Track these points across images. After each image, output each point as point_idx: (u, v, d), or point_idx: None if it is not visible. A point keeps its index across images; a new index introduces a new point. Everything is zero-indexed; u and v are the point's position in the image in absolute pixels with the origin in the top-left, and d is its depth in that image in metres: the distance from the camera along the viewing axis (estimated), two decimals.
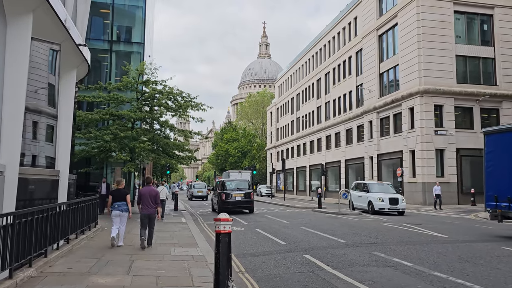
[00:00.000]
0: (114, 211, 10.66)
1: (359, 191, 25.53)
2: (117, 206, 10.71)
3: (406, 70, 33.51)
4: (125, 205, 10.84)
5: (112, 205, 10.76)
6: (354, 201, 25.12)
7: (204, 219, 19.73)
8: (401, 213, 22.34)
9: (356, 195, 25.46)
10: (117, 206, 10.71)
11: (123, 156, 19.00)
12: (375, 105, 38.00)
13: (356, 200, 25.16)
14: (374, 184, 25.82)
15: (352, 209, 24.52)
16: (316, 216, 20.52)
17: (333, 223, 16.86)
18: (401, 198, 22.93)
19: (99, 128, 20.59)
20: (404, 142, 33.33)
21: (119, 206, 10.73)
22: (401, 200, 22.71)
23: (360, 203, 24.62)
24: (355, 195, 25.48)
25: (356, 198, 25.22)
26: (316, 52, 55.65)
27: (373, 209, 22.75)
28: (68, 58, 12.64)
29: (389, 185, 26.13)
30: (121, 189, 11.07)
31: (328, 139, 50.49)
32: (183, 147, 21.85)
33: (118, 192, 10.97)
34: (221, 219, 5.86)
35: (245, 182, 25.86)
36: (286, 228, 15.11)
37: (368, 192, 24.03)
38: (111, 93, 20.28)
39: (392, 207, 22.24)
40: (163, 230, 14.47)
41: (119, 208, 10.72)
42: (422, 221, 18.02)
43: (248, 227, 15.75)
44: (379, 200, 22.52)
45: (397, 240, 12.12)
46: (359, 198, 24.97)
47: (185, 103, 20.83)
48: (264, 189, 54.65)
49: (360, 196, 24.83)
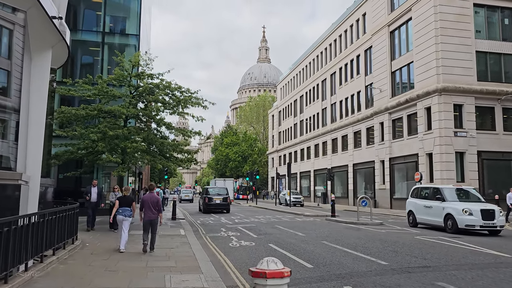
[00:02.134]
0: (119, 216, 11.31)
1: (426, 199, 18.33)
2: (121, 211, 11.30)
3: (422, 68, 31.12)
4: (129, 211, 11.43)
5: (117, 211, 11.36)
6: (418, 213, 18.49)
7: (205, 230, 17.19)
8: (496, 232, 16.04)
9: (420, 205, 18.46)
10: (121, 211, 11.30)
11: (113, 158, 16.47)
12: (386, 105, 35.58)
13: (421, 212, 18.27)
14: (451, 189, 17.99)
15: (412, 224, 18.68)
16: (334, 227, 17.99)
17: (359, 236, 14.37)
18: (497, 210, 16.09)
19: (86, 126, 18.08)
20: (420, 145, 30.89)
21: (123, 211, 11.31)
22: (498, 213, 15.94)
23: (428, 217, 17.72)
24: (418, 206, 18.60)
25: (421, 209, 18.33)
26: (321, 52, 53.32)
27: (455, 226, 15.94)
28: (39, 34, 10.20)
29: (474, 190, 18.94)
30: (128, 196, 11.78)
31: (334, 142, 48.04)
32: (182, 148, 19.38)
33: (124, 198, 11.59)
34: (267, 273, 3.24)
35: (224, 189, 32.10)
36: (306, 244, 12.62)
37: (444, 200, 16.83)
38: (98, 85, 17.76)
39: (486, 224, 15.60)
40: (158, 247, 11.96)
41: (123, 213, 11.28)
42: None
43: (259, 242, 13.26)
44: (465, 213, 15.73)
45: (453, 261, 9.64)
46: (426, 209, 17.96)
47: (185, 98, 18.33)
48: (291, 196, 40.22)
49: (429, 206, 17.75)
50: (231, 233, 15.64)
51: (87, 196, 15.77)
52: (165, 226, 18.04)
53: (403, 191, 34.05)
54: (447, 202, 16.74)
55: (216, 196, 30.06)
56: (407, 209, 19.53)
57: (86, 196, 15.79)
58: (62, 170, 22.77)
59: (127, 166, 17.38)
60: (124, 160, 17.49)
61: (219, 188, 33.13)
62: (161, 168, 20.86)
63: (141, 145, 17.03)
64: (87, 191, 15.91)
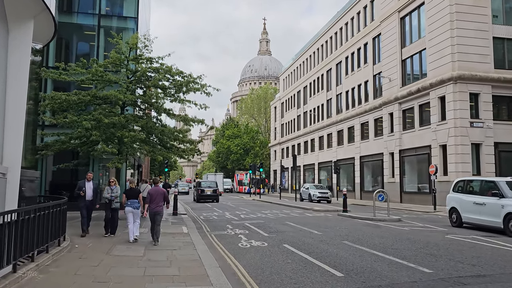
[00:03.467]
0: (127, 208, 11.61)
1: (476, 194, 15.39)
2: (130, 204, 11.65)
3: (436, 55, 29.52)
4: (137, 203, 11.83)
5: (126, 203, 11.76)
6: (465, 211, 15.50)
7: (210, 227, 15.69)
8: None
9: (468, 201, 15.42)
10: (130, 203, 11.66)
11: (108, 149, 14.93)
12: (396, 95, 34.01)
13: (470, 211, 15.21)
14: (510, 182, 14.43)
15: (456, 224, 15.77)
16: (351, 224, 16.45)
17: (382, 235, 12.87)
18: None
19: (79, 113, 16.50)
20: (433, 136, 29.37)
21: (131, 204, 11.68)
22: None
23: (479, 216, 14.63)
24: (465, 202, 15.58)
25: (469, 206, 15.27)
26: (326, 41, 51.64)
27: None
28: (17, 0, 8.68)
29: None
30: (135, 188, 12.11)
31: (340, 134, 46.51)
32: (184, 136, 17.85)
33: (131, 191, 11.96)
34: None
35: (214, 183, 37.70)
36: (326, 244, 11.13)
37: (503, 197, 13.62)
38: (93, 69, 16.18)
39: None
40: (158, 248, 10.51)
41: (132, 206, 11.64)
42: None
43: (272, 241, 11.78)
44: None
45: (509, 269, 8.16)
46: (477, 207, 14.83)
47: (187, 80, 16.72)
48: (315, 190, 36.23)
49: (481, 203, 14.59)
50: (239, 231, 14.17)
51: (81, 192, 12.48)
52: (166, 222, 16.57)
53: (414, 184, 32.62)
54: (507, 199, 13.45)
55: (207, 188, 35.89)
56: (449, 205, 16.48)
57: (80, 192, 12.48)
58: (58, 162, 21.24)
59: (124, 157, 15.83)
60: (121, 150, 15.96)
61: (210, 182, 39.41)
62: (161, 160, 19.32)
63: (139, 134, 15.51)
64: (80, 186, 12.66)
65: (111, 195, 12.66)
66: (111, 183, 12.96)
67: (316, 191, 36.04)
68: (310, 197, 35.76)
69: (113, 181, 13.07)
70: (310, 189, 37.14)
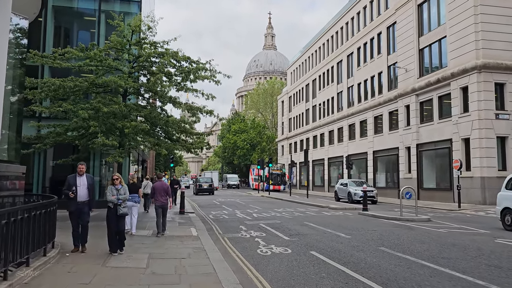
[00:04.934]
0: (128, 202, 10.95)
1: None
2: (131, 198, 11.55)
3: (457, 42, 27.71)
4: (137, 197, 12.61)
5: None
6: None
7: (222, 228, 14.06)
8: None
9: None
10: (131, 198, 11.55)
11: (108, 141, 13.31)
12: (413, 86, 32.22)
13: None
14: None
15: (507, 226, 13.57)
16: (378, 225, 14.72)
17: (421, 240, 11.16)
18: None
19: (76, 102, 14.85)
20: (455, 129, 27.61)
21: (132, 198, 12.02)
22: None
23: None
24: None
25: None
26: (336, 31, 49.77)
27: None
28: None
29: None
30: (136, 183, 12.94)
31: (351, 128, 44.75)
32: (191, 127, 16.25)
33: (133, 185, 12.64)
34: None
35: (209, 179, 47.34)
36: (360, 251, 9.49)
37: None
38: (91, 52, 14.54)
39: None
40: (164, 256, 8.92)
41: (132, 200, 12.11)
42: None
43: (296, 247, 10.17)
44: None
45: None
46: None
47: (197, 66, 15.05)
48: (356, 188, 28.38)
49: None
50: (255, 233, 12.57)
51: (71, 192, 9.00)
52: (173, 222, 15.02)
53: (433, 180, 30.88)
54: None
55: (204, 183, 45.03)
56: (501, 205, 14.15)
57: (70, 192, 9.00)
58: (58, 157, 19.62)
59: (127, 150, 14.21)
60: (122, 143, 14.37)
61: (206, 178, 49.61)
62: (166, 153, 17.71)
63: (142, 124, 13.88)
64: (69, 184, 9.15)
65: (117, 198, 9.17)
66: (115, 181, 9.45)
67: (357, 188, 27.74)
68: (351, 197, 27.98)
69: (117, 178, 9.56)
70: (350, 186, 29.20)
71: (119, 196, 9.23)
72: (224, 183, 72.22)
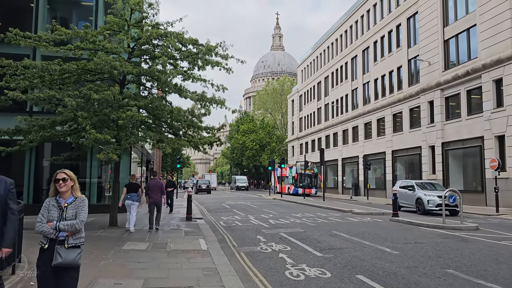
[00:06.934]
0: (127, 201, 12.84)
1: None
2: (129, 197, 12.85)
3: (489, 31, 25.29)
4: (136, 196, 13.05)
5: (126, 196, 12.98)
6: None
7: (236, 239, 11.73)
8: None
9: None
10: (129, 196, 12.86)
11: (101, 136, 11.10)
12: (438, 80, 29.80)
13: None
14: None
15: None
16: (421, 235, 12.17)
17: (495, 258, 8.70)
18: None
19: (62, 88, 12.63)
20: (486, 125, 25.16)
21: (131, 197, 12.90)
22: None
23: None
24: None
25: None
26: (350, 25, 47.39)
27: None
28: None
29: None
30: (134, 183, 13.32)
31: (367, 126, 42.35)
32: (200, 121, 14.04)
33: (132, 185, 13.18)
34: None
35: (207, 181, 59.54)
36: (424, 277, 7.12)
37: None
38: (82, 32, 12.35)
39: None
40: (164, 284, 6.67)
41: (131, 199, 12.87)
42: None
43: (334, 267, 7.88)
44: None
45: None
46: None
47: (206, 49, 12.83)
48: (430, 194, 20.46)
49: None
50: (277, 246, 10.29)
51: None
52: (179, 231, 12.82)
53: (461, 181, 28.37)
54: None
55: (203, 184, 56.59)
56: None
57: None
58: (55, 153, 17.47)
59: (123, 146, 11.98)
60: (119, 138, 12.17)
61: (205, 180, 61.25)
62: (170, 151, 15.55)
63: (139, 114, 11.68)
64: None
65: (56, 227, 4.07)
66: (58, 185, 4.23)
67: (433, 194, 20.22)
68: (423, 206, 20.17)
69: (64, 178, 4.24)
70: (418, 190, 21.37)
71: (59, 224, 4.08)
72: (232, 185, 70.09)
